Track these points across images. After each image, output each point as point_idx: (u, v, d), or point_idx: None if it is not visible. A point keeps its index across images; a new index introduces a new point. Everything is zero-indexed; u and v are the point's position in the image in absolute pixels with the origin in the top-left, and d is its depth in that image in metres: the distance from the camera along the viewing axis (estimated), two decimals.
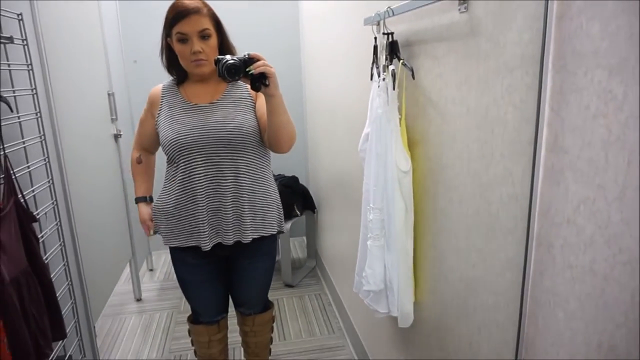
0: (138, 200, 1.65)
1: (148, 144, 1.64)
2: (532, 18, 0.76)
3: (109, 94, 2.45)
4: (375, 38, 1.38)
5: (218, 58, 1.33)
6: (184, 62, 1.44)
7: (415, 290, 1.34)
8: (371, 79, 1.42)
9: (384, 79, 1.21)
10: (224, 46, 1.49)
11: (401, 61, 1.21)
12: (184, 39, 1.40)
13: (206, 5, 1.43)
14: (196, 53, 1.40)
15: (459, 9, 0.97)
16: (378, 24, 1.40)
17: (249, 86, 1.35)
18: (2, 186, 1.18)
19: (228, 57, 1.33)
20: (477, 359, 1.05)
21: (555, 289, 0.77)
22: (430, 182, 1.21)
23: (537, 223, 0.79)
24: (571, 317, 0.74)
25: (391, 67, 1.21)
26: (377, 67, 1.32)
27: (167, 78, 1.59)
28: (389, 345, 1.71)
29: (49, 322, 1.30)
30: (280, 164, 3.23)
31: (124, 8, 3.02)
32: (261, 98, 1.47)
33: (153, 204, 1.61)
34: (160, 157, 1.69)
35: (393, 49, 1.24)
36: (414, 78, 1.19)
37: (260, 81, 1.32)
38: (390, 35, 1.26)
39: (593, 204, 0.67)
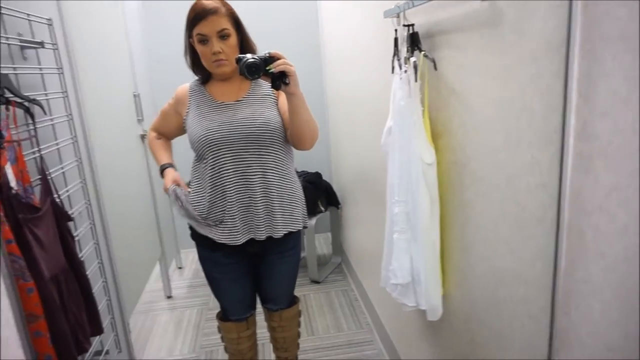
0: (164, 167, 1.62)
1: (166, 133, 1.68)
2: (556, 4, 0.75)
3: (134, 95, 2.51)
4: (396, 30, 1.38)
5: (239, 57, 1.36)
6: (206, 62, 1.47)
7: (443, 282, 1.34)
8: (392, 71, 1.42)
9: (405, 71, 1.21)
10: (245, 45, 1.51)
11: (422, 53, 1.20)
12: (204, 40, 1.42)
13: (225, 5, 1.45)
14: (216, 53, 1.43)
15: None
16: (398, 16, 1.40)
17: (270, 84, 1.37)
18: (39, 186, 1.23)
19: (249, 55, 1.35)
20: (508, 351, 1.04)
21: (588, 278, 0.75)
22: (455, 173, 1.20)
23: (567, 212, 0.78)
24: (606, 306, 0.73)
25: (412, 59, 1.20)
26: (399, 60, 1.32)
27: (190, 77, 1.62)
28: (417, 339, 1.71)
29: (87, 317, 1.35)
30: (303, 160, 3.25)
31: (147, 9, 3.08)
32: (283, 95, 1.48)
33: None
34: (183, 155, 1.72)
35: (414, 41, 1.24)
36: (436, 69, 1.18)
37: (281, 79, 1.34)
38: (410, 27, 1.25)
39: (625, 191, 0.66)
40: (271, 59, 1.34)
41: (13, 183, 1.08)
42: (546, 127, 0.81)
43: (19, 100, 1.15)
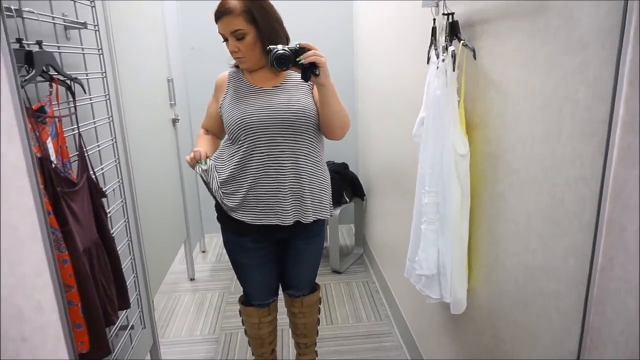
0: (196, 146, 1.60)
1: (213, 128, 1.69)
2: None
3: (168, 80, 2.55)
4: (434, 20, 1.35)
5: (270, 48, 1.37)
6: (233, 56, 1.51)
7: (469, 276, 1.32)
8: (428, 62, 1.40)
9: (443, 60, 1.18)
10: (267, 39, 1.44)
11: (462, 42, 1.18)
12: (224, 38, 1.47)
13: (241, 3, 1.40)
14: (232, 52, 1.48)
15: None
16: (437, 5, 1.37)
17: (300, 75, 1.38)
18: (76, 163, 1.26)
19: (279, 47, 1.35)
20: (534, 348, 1.02)
21: (626, 276, 0.73)
22: (489, 166, 1.18)
23: (609, 206, 0.75)
24: None
25: (451, 48, 1.18)
26: (436, 49, 1.30)
27: (223, 64, 1.64)
28: (438, 333, 1.70)
29: (115, 291, 1.39)
30: (330, 150, 3.23)
31: None
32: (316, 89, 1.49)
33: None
34: None
35: (453, 30, 1.21)
36: (475, 58, 1.16)
37: (311, 70, 1.35)
38: (450, 16, 1.23)
39: None
40: (301, 49, 1.34)
41: (53, 157, 1.11)
42: (591, 118, 0.78)
43: (61, 78, 1.19)
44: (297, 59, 1.34)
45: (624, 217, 0.73)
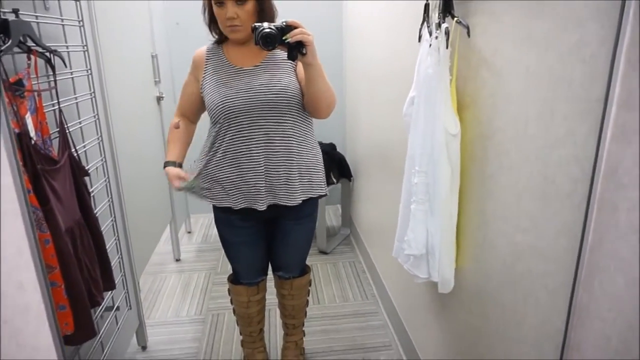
0: (166, 164, 1.56)
1: (190, 109, 1.62)
2: None
3: (152, 56, 2.48)
4: None
5: (255, 26, 1.31)
6: (221, 25, 1.44)
7: (457, 255, 1.33)
8: (419, 40, 1.38)
9: (436, 38, 1.16)
10: (265, 11, 1.44)
11: (455, 19, 1.16)
12: (220, 2, 1.38)
13: None
14: (230, 19, 1.39)
15: None
16: None
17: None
18: (57, 140, 1.22)
19: (265, 25, 1.30)
20: (522, 326, 1.03)
21: (617, 253, 0.73)
22: (480, 146, 1.17)
23: (601, 185, 0.75)
24: (633, 283, 0.71)
25: (444, 25, 1.16)
26: (429, 26, 1.27)
27: (207, 40, 1.58)
28: (425, 312, 1.72)
29: (100, 272, 1.36)
30: (318, 130, 3.18)
31: None
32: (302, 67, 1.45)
33: (200, 166, 1.60)
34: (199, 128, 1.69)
35: (447, 6, 1.19)
36: (469, 36, 1.14)
37: (298, 49, 1.30)
38: None
39: None
40: (288, 27, 1.30)
41: (32, 133, 1.07)
42: (586, 97, 0.78)
43: (40, 50, 1.13)
44: (284, 38, 1.29)
45: (616, 196, 0.73)
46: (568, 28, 0.82)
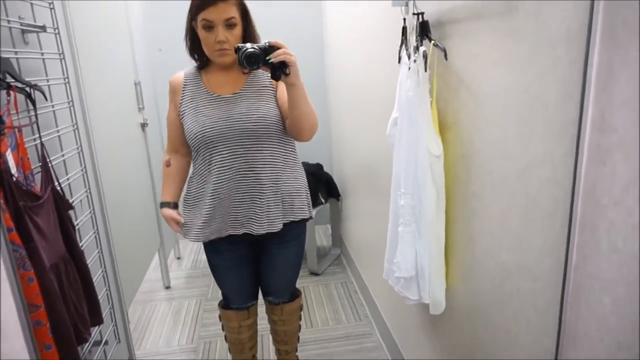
0: (162, 205, 1.61)
1: (180, 141, 1.59)
2: None
3: (135, 83, 2.48)
4: (404, 19, 1.36)
5: (238, 46, 1.32)
6: (208, 49, 1.43)
7: (447, 276, 1.33)
8: (399, 61, 1.40)
9: (414, 61, 1.18)
10: (249, 35, 1.47)
11: (432, 42, 1.18)
12: (209, 27, 1.38)
13: None
14: (220, 42, 1.39)
15: None
16: (407, 4, 1.38)
17: (270, 74, 1.34)
18: (39, 174, 1.20)
19: (248, 45, 1.31)
20: (513, 346, 1.03)
21: (600, 273, 0.74)
22: (462, 166, 1.19)
23: (581, 206, 0.76)
24: (618, 302, 0.71)
25: (422, 49, 1.18)
26: (407, 49, 1.30)
27: (191, 64, 1.59)
28: (418, 332, 1.70)
29: (87, 307, 1.34)
30: (304, 151, 3.21)
31: None
32: (282, 85, 1.45)
33: (183, 197, 1.61)
34: None
35: (424, 30, 1.21)
36: (446, 59, 1.16)
37: (281, 70, 1.31)
38: (420, 16, 1.23)
39: None
40: (271, 48, 1.30)
41: (14, 170, 1.06)
42: (561, 119, 0.79)
43: (20, 85, 1.13)
44: (267, 58, 1.30)
45: (595, 216, 0.74)
46: (541, 50, 0.84)
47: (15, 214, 1.03)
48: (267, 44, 1.31)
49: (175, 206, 1.62)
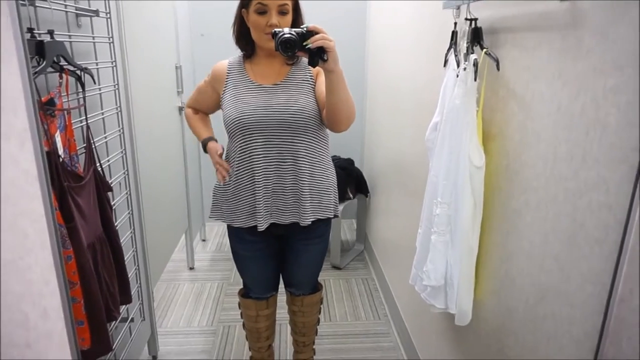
0: (205, 140, 1.61)
1: (203, 110, 1.69)
2: None
3: (176, 67, 2.51)
4: (455, 23, 1.32)
5: (275, 31, 1.29)
6: (257, 34, 1.43)
7: (476, 288, 1.30)
8: (444, 65, 1.37)
9: (464, 69, 1.15)
10: (298, 26, 1.46)
11: (484, 50, 1.15)
12: (263, 11, 1.39)
13: None
14: (272, 26, 1.39)
15: None
16: (458, 8, 1.34)
17: (311, 67, 1.32)
18: (83, 155, 1.23)
19: (285, 30, 1.28)
20: None
21: None
22: (505, 180, 1.15)
23: (634, 236, 0.73)
24: None
25: (473, 56, 1.14)
26: (456, 55, 1.26)
27: (232, 52, 1.59)
28: (439, 339, 1.69)
29: (118, 286, 1.37)
30: (336, 145, 3.20)
31: None
32: (321, 77, 1.44)
33: (214, 185, 1.63)
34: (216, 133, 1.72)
35: (476, 36, 1.18)
36: (498, 69, 1.12)
37: (319, 55, 1.26)
38: (473, 22, 1.19)
39: None
40: (309, 33, 1.26)
41: (61, 151, 1.09)
42: (621, 145, 0.76)
43: (71, 68, 1.15)
44: (304, 43, 1.26)
45: None
46: (605, 70, 0.80)
47: (60, 194, 1.06)
48: (305, 29, 1.27)
49: (215, 140, 1.64)
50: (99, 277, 1.22)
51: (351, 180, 2.95)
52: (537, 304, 1.02)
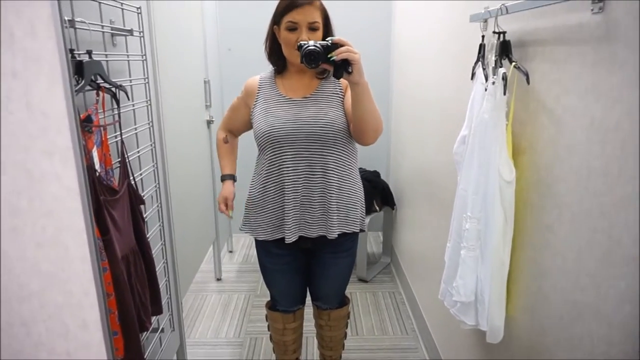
0: (225, 177, 1.70)
1: (236, 128, 1.72)
2: None
3: (204, 81, 2.57)
4: (483, 36, 1.31)
5: (300, 43, 1.31)
6: (288, 50, 1.45)
7: (508, 304, 1.27)
8: (472, 78, 1.36)
9: (493, 82, 1.14)
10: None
11: (513, 63, 1.14)
12: (293, 28, 1.41)
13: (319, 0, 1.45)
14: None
15: (592, 9, 0.88)
16: (486, 21, 1.33)
17: (341, 81, 1.33)
18: (118, 169, 1.28)
19: (310, 42, 1.30)
20: None
21: None
22: (536, 193, 1.13)
23: None
24: None
25: (502, 70, 1.13)
26: (484, 68, 1.25)
27: (259, 66, 1.63)
28: (469, 355, 1.65)
29: (149, 297, 1.40)
30: (362, 157, 3.16)
31: None
32: (349, 90, 1.45)
33: (247, 197, 1.66)
34: (246, 147, 1.74)
35: (505, 50, 1.17)
36: (528, 83, 1.11)
37: (344, 68, 1.27)
38: (502, 35, 1.18)
39: None
40: (334, 46, 1.28)
41: (97, 166, 1.13)
42: None
43: (107, 86, 1.20)
44: (329, 55, 1.27)
45: None
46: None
47: (96, 208, 1.10)
48: (330, 42, 1.29)
49: (235, 179, 1.72)
50: (132, 288, 1.25)
51: (377, 192, 2.94)
52: (573, 323, 0.99)
